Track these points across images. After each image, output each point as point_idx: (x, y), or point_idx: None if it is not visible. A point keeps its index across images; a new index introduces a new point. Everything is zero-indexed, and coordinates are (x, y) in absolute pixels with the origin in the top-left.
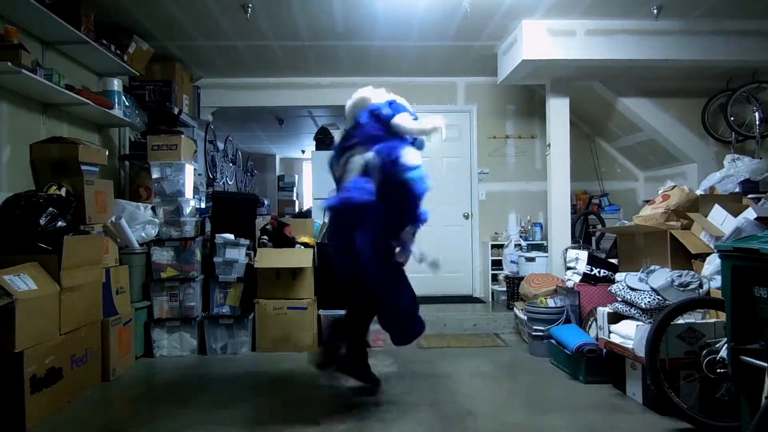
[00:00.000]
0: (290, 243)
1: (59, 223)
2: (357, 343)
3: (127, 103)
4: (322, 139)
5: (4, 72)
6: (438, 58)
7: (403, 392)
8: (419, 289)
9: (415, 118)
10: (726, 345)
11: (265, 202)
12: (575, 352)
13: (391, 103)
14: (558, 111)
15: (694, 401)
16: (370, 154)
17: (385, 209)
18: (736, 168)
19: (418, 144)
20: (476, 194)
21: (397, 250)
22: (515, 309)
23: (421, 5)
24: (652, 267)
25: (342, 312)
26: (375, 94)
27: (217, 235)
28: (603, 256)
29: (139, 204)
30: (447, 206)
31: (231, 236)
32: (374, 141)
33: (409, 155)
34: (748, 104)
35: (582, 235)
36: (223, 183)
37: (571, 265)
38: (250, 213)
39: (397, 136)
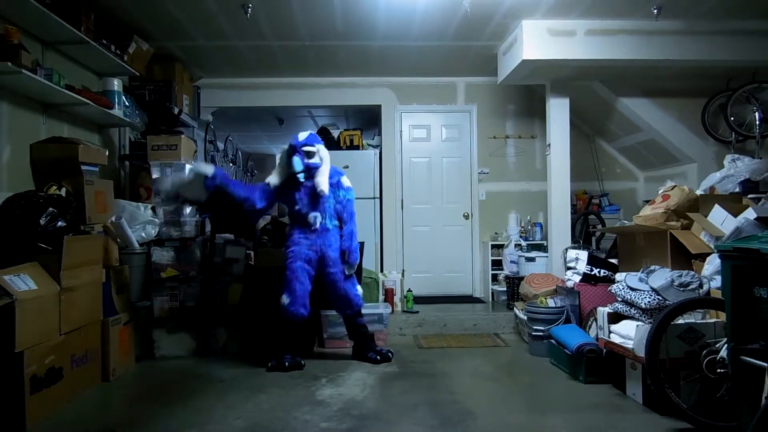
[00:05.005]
0: None
1: (59, 223)
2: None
3: (127, 103)
4: (323, 139)
5: (4, 72)
6: (438, 58)
7: (403, 392)
8: (420, 290)
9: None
10: (726, 345)
11: None
12: (575, 352)
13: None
14: (558, 111)
15: (694, 401)
16: None
17: None
18: (736, 168)
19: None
20: (476, 194)
21: None
22: (515, 309)
23: (420, 5)
24: (652, 267)
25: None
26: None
27: (217, 235)
28: (603, 256)
29: (139, 204)
30: (447, 206)
31: (231, 236)
32: None
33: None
34: (748, 104)
35: (582, 235)
36: None
37: (571, 265)
38: None
39: None
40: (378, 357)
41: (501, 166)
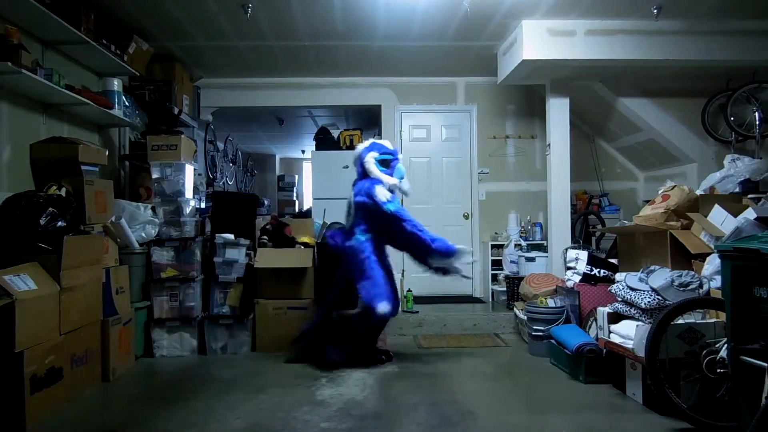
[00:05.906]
0: (290, 243)
1: (59, 223)
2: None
3: (127, 103)
4: (322, 139)
5: (4, 72)
6: (438, 58)
7: (403, 392)
8: (420, 290)
9: (388, 155)
10: (726, 345)
11: (265, 202)
12: (575, 352)
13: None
14: (558, 111)
15: (694, 401)
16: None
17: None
18: (736, 168)
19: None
20: (476, 194)
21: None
22: (515, 309)
23: (420, 5)
24: (652, 267)
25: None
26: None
27: (217, 235)
28: (603, 256)
29: (139, 204)
30: (447, 206)
31: (231, 236)
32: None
33: (379, 193)
34: (748, 104)
35: (582, 235)
36: (223, 183)
37: (571, 265)
38: (250, 213)
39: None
40: (383, 357)
41: (501, 166)
